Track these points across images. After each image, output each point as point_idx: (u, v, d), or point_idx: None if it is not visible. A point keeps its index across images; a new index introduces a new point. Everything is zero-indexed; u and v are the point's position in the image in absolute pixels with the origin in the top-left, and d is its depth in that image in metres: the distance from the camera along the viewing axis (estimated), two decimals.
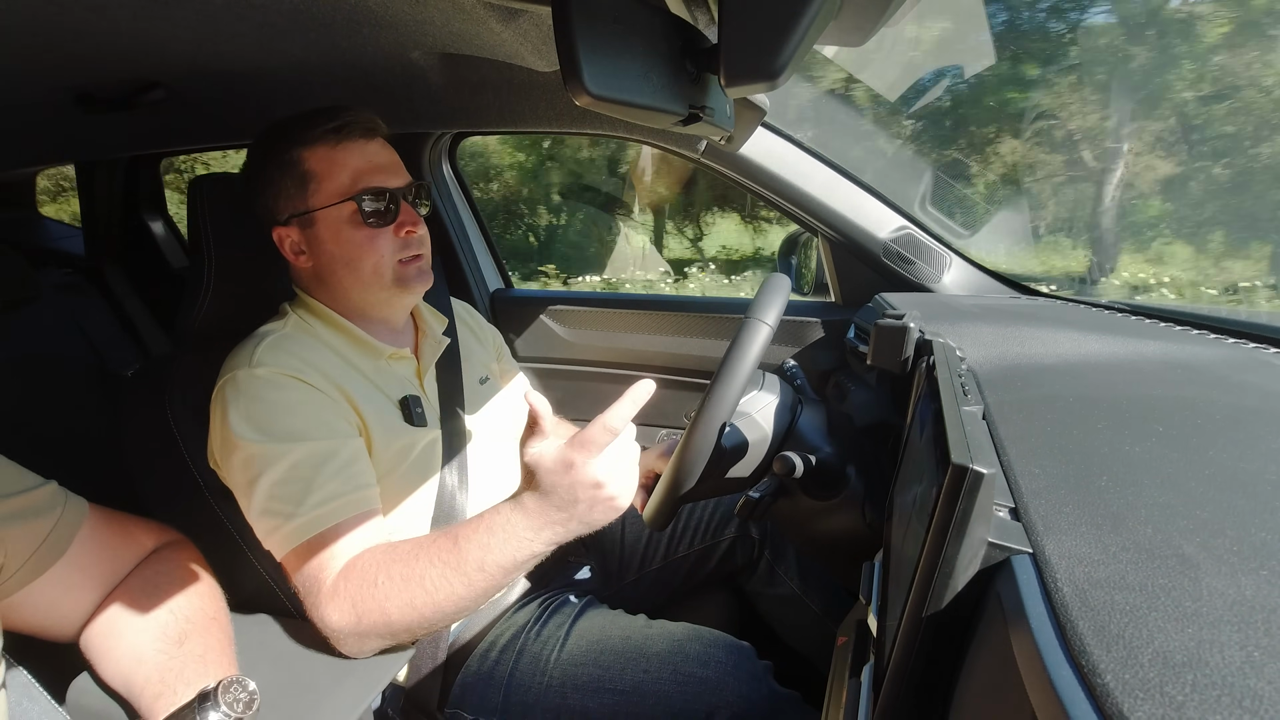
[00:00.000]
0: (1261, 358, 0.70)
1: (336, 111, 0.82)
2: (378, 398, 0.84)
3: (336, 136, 0.81)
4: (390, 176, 0.84)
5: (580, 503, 0.66)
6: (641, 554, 1.11)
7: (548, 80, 1.02)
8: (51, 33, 0.70)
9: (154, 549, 0.72)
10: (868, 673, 0.50)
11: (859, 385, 1.09)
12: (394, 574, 0.68)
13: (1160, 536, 0.33)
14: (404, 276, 0.85)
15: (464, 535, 0.69)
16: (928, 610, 0.36)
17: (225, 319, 0.88)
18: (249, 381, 0.75)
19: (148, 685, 0.59)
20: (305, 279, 0.88)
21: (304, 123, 0.82)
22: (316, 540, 0.70)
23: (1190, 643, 0.25)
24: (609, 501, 0.67)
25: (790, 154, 1.18)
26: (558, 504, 0.66)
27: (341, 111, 0.82)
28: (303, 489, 0.71)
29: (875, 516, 0.78)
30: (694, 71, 0.50)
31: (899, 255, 1.22)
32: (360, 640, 0.69)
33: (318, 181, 0.81)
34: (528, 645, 0.86)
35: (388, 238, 0.83)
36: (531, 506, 0.67)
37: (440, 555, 0.68)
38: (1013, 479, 0.41)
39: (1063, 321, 0.85)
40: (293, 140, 0.82)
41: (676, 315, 1.39)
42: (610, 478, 0.66)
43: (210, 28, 0.73)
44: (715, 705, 0.78)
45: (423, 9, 0.70)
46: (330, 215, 0.82)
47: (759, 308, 0.71)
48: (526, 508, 0.68)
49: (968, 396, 0.56)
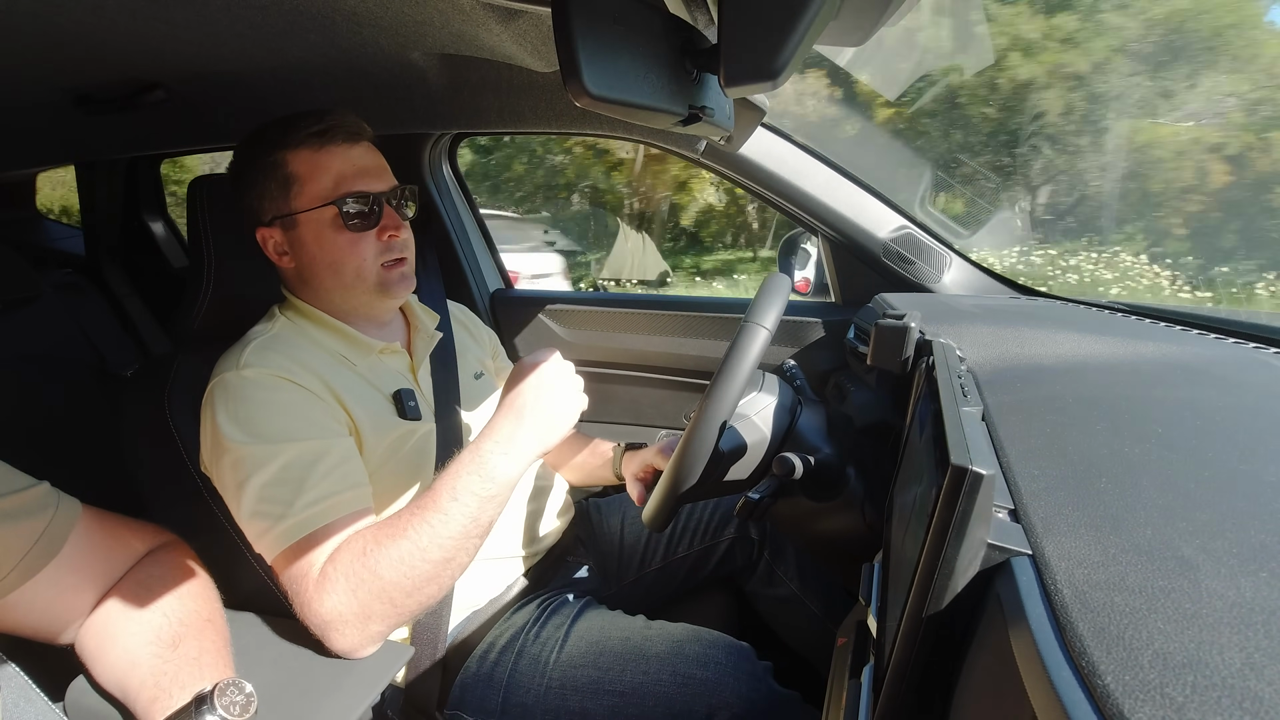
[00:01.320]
0: (1261, 358, 0.70)
1: (321, 115, 0.82)
2: (370, 393, 0.84)
3: (320, 140, 0.82)
4: (373, 180, 0.84)
5: (527, 394, 0.74)
6: (641, 555, 1.11)
7: (547, 80, 1.02)
8: (51, 33, 0.70)
9: (148, 551, 0.71)
10: (868, 673, 0.50)
11: (859, 386, 1.09)
12: (380, 537, 0.69)
13: (1160, 538, 0.33)
14: (386, 281, 0.86)
15: (438, 478, 0.72)
16: (927, 611, 0.36)
17: (225, 319, 0.88)
18: (237, 383, 0.75)
19: (143, 689, 0.59)
20: (290, 280, 0.89)
21: (288, 125, 0.82)
22: (306, 541, 0.69)
23: (1190, 644, 0.25)
24: (551, 390, 0.75)
25: (790, 154, 1.18)
26: (509, 405, 0.74)
27: (326, 115, 0.82)
28: (293, 490, 0.71)
29: (875, 517, 0.78)
30: (694, 72, 0.50)
31: (899, 255, 1.21)
32: (362, 623, 0.68)
33: (300, 184, 0.82)
34: (527, 646, 0.86)
35: (370, 241, 0.84)
36: (490, 421, 0.74)
37: (419, 503, 0.71)
38: (1012, 480, 0.41)
39: (1063, 322, 0.85)
40: (276, 143, 0.82)
41: (676, 315, 1.39)
42: (550, 372, 0.75)
43: (210, 28, 0.73)
44: (715, 706, 0.78)
45: (422, 10, 0.70)
46: (312, 218, 0.82)
47: (758, 310, 0.71)
48: (488, 424, 0.74)
49: (967, 397, 0.55)
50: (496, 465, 0.71)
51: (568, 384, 0.77)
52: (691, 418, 0.71)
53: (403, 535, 0.68)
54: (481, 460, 0.71)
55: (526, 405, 0.73)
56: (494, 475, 0.71)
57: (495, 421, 0.74)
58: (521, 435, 0.72)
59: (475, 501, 0.70)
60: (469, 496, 0.70)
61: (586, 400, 0.80)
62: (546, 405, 0.74)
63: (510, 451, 0.72)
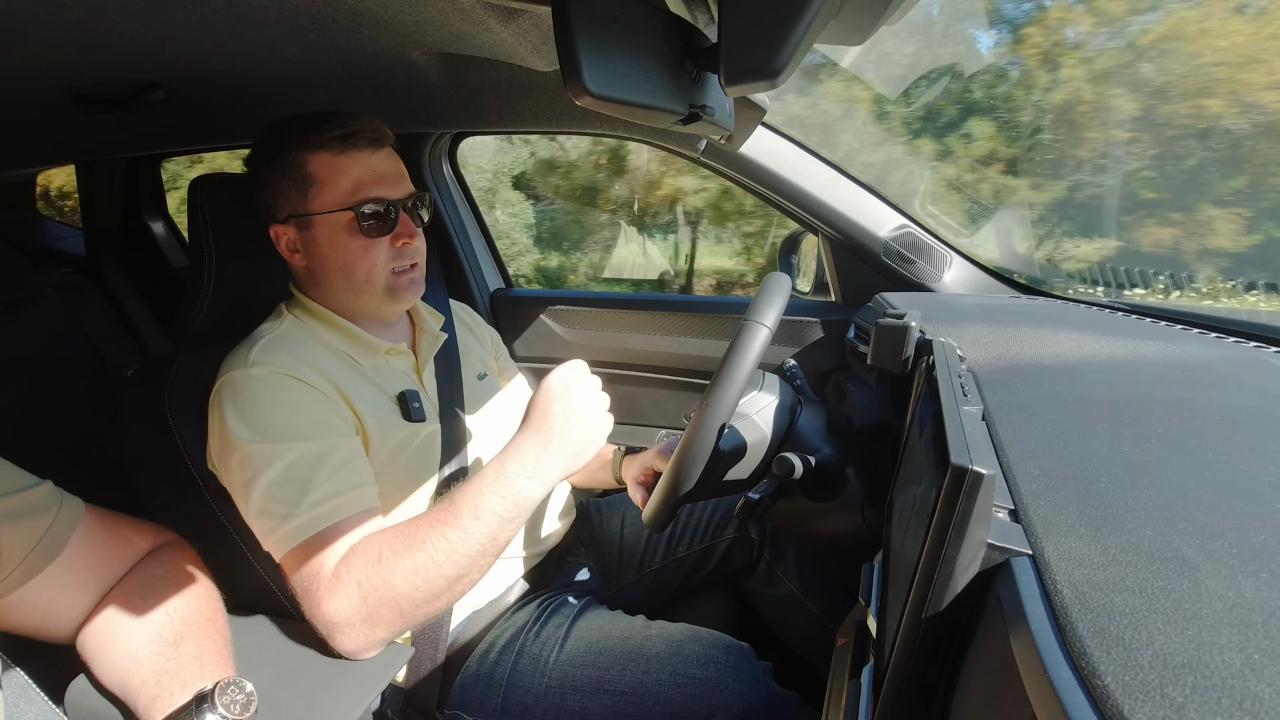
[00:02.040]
0: (1261, 358, 0.70)
1: (345, 118, 0.81)
2: (375, 394, 0.84)
3: (342, 144, 0.81)
4: (391, 187, 0.84)
5: (556, 418, 0.72)
6: (641, 555, 1.11)
7: (548, 80, 1.02)
8: (51, 33, 0.70)
9: (150, 550, 0.71)
10: (867, 674, 0.50)
11: (859, 385, 1.09)
12: (396, 546, 0.69)
13: (1159, 539, 0.32)
14: (395, 286, 0.86)
15: (458, 491, 0.71)
16: (927, 611, 0.36)
17: (225, 319, 0.88)
18: (245, 382, 0.75)
19: (144, 688, 0.59)
20: (300, 277, 0.89)
21: (311, 126, 0.81)
22: (315, 540, 0.70)
23: (1190, 645, 0.25)
24: (582, 414, 0.72)
25: (790, 153, 1.18)
26: (536, 426, 0.72)
27: (350, 119, 0.81)
28: (300, 489, 0.71)
29: (875, 517, 0.78)
30: (694, 71, 0.50)
31: (899, 254, 1.21)
32: (369, 628, 0.68)
33: (319, 186, 0.81)
34: (527, 646, 0.86)
35: (383, 247, 0.84)
36: (515, 440, 0.73)
37: (438, 515, 0.70)
38: (1012, 480, 0.41)
39: (1063, 321, 0.84)
40: (297, 142, 0.81)
41: (676, 315, 1.39)
42: (580, 395, 0.73)
43: (210, 28, 0.73)
44: (715, 706, 0.78)
45: (422, 9, 0.70)
46: (328, 221, 0.82)
47: (758, 309, 0.71)
48: (512, 443, 0.73)
49: (967, 397, 0.55)
50: (521, 488, 0.70)
51: (596, 404, 0.75)
52: (692, 417, 0.71)
53: (419, 548, 0.68)
54: (507, 482, 0.70)
55: (555, 429, 0.71)
56: (517, 498, 0.70)
57: (521, 441, 0.72)
58: (549, 459, 0.71)
59: (495, 521, 0.69)
60: (490, 516, 0.69)
61: (612, 420, 0.77)
62: (576, 429, 0.72)
63: (536, 475, 0.71)
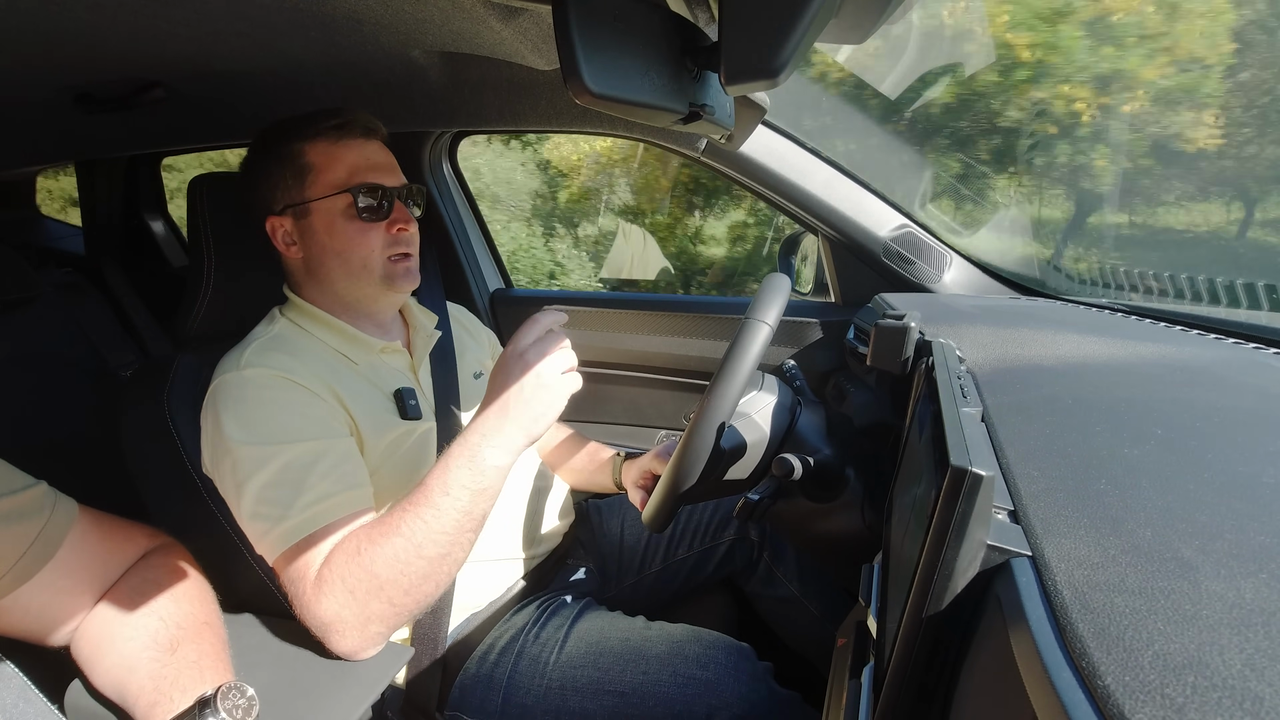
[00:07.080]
0: (1261, 359, 0.70)
1: (339, 111, 0.85)
2: (370, 392, 0.84)
3: (338, 133, 0.85)
4: (386, 175, 0.86)
5: (514, 384, 0.71)
6: (640, 556, 1.11)
7: (548, 79, 1.02)
8: (50, 32, 0.70)
9: (144, 553, 0.70)
10: (868, 674, 0.50)
11: (858, 386, 1.09)
12: (374, 535, 0.69)
13: (1159, 540, 0.32)
14: (392, 274, 0.87)
15: (429, 473, 0.71)
16: (927, 612, 0.36)
17: (224, 319, 0.88)
18: (239, 383, 0.75)
19: (142, 694, 0.58)
20: (295, 272, 0.89)
21: (306, 119, 0.85)
22: (305, 542, 0.69)
23: (1190, 645, 0.25)
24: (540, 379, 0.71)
25: (790, 152, 1.18)
26: (495, 394, 0.72)
27: (344, 111, 0.86)
28: (293, 491, 0.71)
29: (874, 518, 0.78)
30: (694, 69, 0.50)
31: (899, 255, 1.21)
32: (363, 624, 0.68)
33: (316, 173, 0.84)
34: (526, 647, 0.85)
35: (379, 233, 0.85)
36: (478, 411, 0.73)
37: (411, 499, 0.70)
38: (1012, 481, 0.41)
39: (1063, 322, 0.84)
40: (293, 135, 0.85)
41: (676, 315, 1.39)
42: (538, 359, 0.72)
43: (210, 27, 0.73)
44: (715, 707, 0.78)
45: (422, 8, 0.70)
46: (325, 206, 0.84)
47: (758, 308, 0.71)
48: (476, 414, 0.73)
49: (967, 398, 0.55)
50: (486, 457, 0.70)
51: (553, 368, 0.73)
52: (692, 417, 0.71)
53: (396, 533, 0.68)
54: (471, 454, 0.70)
55: (513, 396, 0.71)
56: (484, 468, 0.70)
57: (482, 413, 0.73)
58: (509, 426, 0.71)
59: (467, 495, 0.69)
60: (460, 490, 0.69)
61: (579, 380, 0.75)
62: (530, 395, 0.71)
63: (499, 443, 0.71)
